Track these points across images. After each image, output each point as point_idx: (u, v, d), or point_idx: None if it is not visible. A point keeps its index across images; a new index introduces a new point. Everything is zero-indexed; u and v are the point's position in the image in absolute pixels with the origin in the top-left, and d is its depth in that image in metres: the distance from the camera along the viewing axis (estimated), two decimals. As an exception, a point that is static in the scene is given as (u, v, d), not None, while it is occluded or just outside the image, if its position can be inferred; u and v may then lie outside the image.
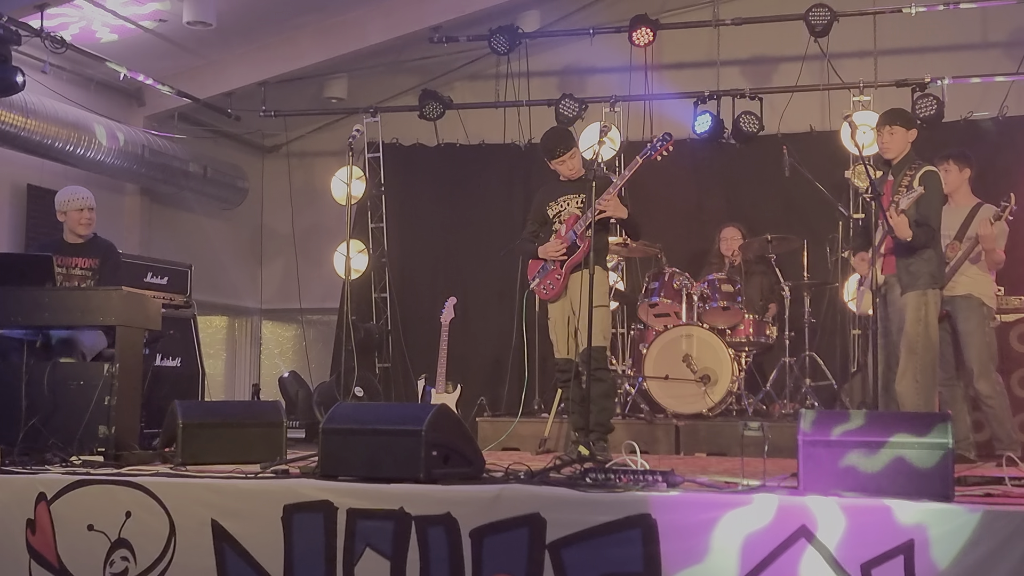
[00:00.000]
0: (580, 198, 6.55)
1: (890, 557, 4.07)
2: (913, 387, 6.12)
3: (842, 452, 4.38)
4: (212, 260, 10.74)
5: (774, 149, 8.79)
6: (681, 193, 9.77)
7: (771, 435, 5.29)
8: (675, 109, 9.81)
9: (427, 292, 10.32)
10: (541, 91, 10.23)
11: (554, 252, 6.55)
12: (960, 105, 9.02)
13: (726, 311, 8.37)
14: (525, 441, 7.86)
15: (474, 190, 10.55)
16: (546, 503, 4.51)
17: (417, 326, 10.16)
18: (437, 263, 10.59)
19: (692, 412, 7.99)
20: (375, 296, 10.44)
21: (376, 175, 10.56)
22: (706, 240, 9.35)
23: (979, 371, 6.81)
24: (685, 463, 6.60)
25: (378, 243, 10.50)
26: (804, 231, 8.86)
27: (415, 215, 10.69)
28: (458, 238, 10.53)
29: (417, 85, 10.55)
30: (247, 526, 4.77)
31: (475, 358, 10.05)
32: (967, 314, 6.87)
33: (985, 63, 9.26)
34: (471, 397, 8.69)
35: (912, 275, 6.23)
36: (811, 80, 9.52)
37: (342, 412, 5.28)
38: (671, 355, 8.11)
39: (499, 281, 9.71)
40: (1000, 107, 9.02)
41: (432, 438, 4.83)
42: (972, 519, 4.05)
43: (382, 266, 10.48)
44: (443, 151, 10.61)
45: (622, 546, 4.39)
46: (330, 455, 5.01)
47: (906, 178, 6.33)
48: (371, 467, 4.86)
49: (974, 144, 7.93)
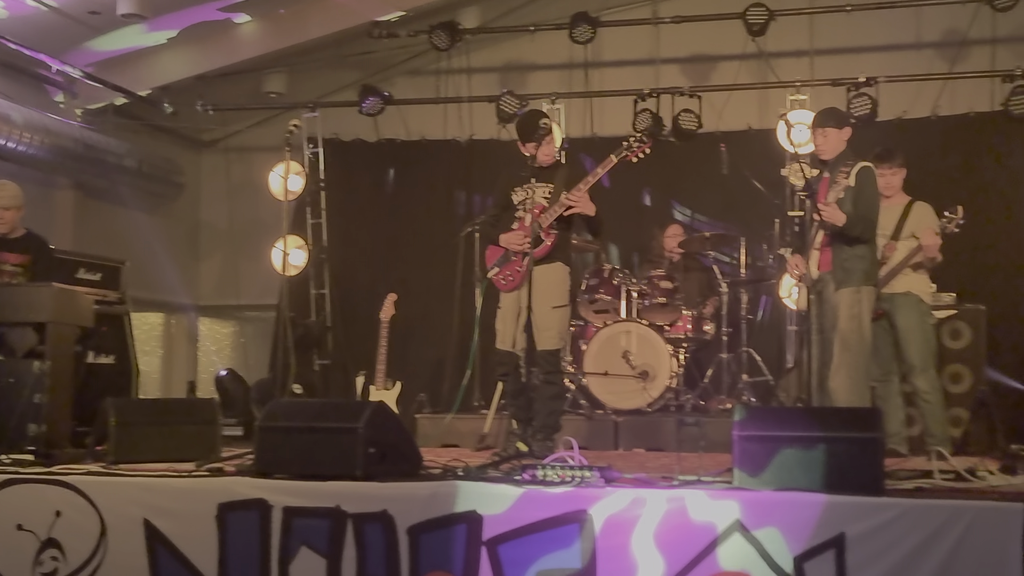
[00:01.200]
0: (548, 188, 6.37)
1: (822, 550, 4.13)
2: (847, 383, 6.19)
3: (776, 447, 4.43)
4: (148, 256, 10.58)
5: (713, 147, 8.91)
6: (621, 190, 9.80)
7: (708, 430, 5.35)
8: (616, 106, 9.86)
9: (367, 289, 10.25)
10: (482, 87, 10.23)
11: (517, 244, 6.32)
12: (894, 104, 9.16)
13: (665, 307, 8.43)
14: (465, 438, 7.86)
15: (415, 186, 10.52)
16: (484, 500, 4.52)
17: (357, 323, 10.11)
18: (377, 259, 10.54)
19: (631, 408, 8.04)
20: (314, 293, 10.37)
21: (316, 171, 10.49)
22: (645, 236, 9.40)
23: (919, 367, 6.91)
24: (623, 459, 6.63)
25: (317, 239, 10.43)
26: (741, 228, 8.94)
27: (355, 211, 10.64)
28: (398, 234, 10.49)
29: (357, 80, 10.50)
30: (180, 525, 4.73)
31: (415, 355, 10.02)
32: (907, 311, 6.97)
33: (919, 63, 9.41)
34: (411, 394, 8.66)
35: (846, 272, 6.30)
36: (749, 79, 9.62)
37: (279, 409, 5.24)
38: (610, 351, 8.14)
39: (439, 278, 9.68)
40: (933, 106, 9.17)
41: (369, 435, 4.82)
42: (902, 512, 4.12)
43: (321, 262, 10.41)
44: (383, 147, 10.57)
45: (559, 542, 4.40)
46: (266, 453, 4.98)
47: (841, 175, 6.40)
48: (308, 465, 4.84)
49: (907, 143, 8.04)
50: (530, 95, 9.82)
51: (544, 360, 6.38)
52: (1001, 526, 4.02)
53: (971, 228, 7.23)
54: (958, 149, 9.09)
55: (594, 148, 9.06)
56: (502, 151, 9.76)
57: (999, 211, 8.66)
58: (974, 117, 9.14)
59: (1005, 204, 8.68)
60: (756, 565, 4.19)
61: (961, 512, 4.07)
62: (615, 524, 4.36)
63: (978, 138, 9.03)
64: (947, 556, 4.04)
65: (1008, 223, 8.70)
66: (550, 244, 6.31)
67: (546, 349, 6.36)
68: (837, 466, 4.32)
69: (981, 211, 8.29)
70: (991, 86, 9.02)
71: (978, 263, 8.66)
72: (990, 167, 8.82)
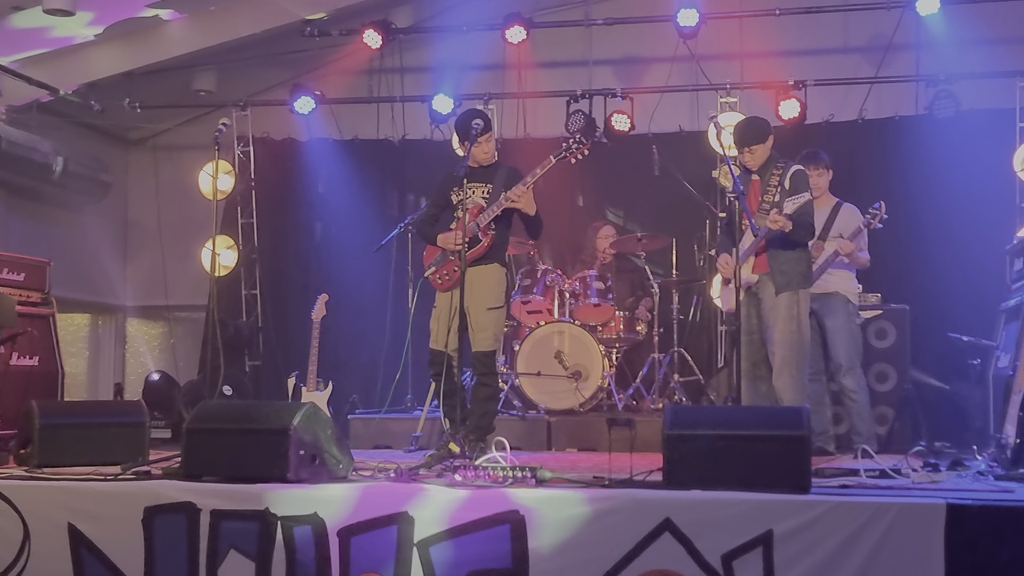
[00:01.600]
0: (486, 188, 6.39)
1: (749, 548, 4.19)
2: (790, 383, 6.28)
3: (705, 446, 4.48)
4: (74, 256, 10.41)
5: (645, 149, 8.97)
6: (553, 190, 9.82)
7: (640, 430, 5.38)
8: (548, 107, 9.88)
9: (298, 289, 10.19)
10: (415, 87, 10.19)
11: (453, 245, 6.31)
12: (822, 107, 9.29)
13: (597, 308, 8.47)
14: (397, 438, 7.84)
15: (347, 186, 10.44)
16: (415, 501, 4.52)
17: (288, 323, 10.04)
18: (308, 259, 10.47)
19: (563, 408, 8.07)
20: (245, 293, 10.28)
21: (246, 170, 10.39)
22: (578, 237, 9.44)
23: (846, 366, 7.04)
24: (555, 459, 6.66)
25: (248, 239, 10.33)
26: (673, 230, 9.01)
27: (286, 211, 10.55)
28: (330, 234, 10.43)
29: (289, 79, 10.41)
30: (106, 529, 4.67)
31: (347, 356, 9.97)
32: (834, 311, 7.10)
33: (846, 67, 9.55)
34: (343, 395, 8.62)
35: (785, 275, 6.37)
36: (681, 81, 9.69)
37: (208, 411, 5.21)
38: (543, 352, 8.17)
39: (372, 278, 9.63)
40: (860, 110, 9.31)
41: (300, 437, 4.80)
42: (828, 510, 4.19)
43: (252, 262, 10.32)
44: (315, 146, 10.48)
45: (491, 543, 4.41)
46: (194, 455, 4.93)
47: (774, 177, 6.48)
48: (237, 467, 4.81)
49: (834, 146, 8.17)
50: (463, 95, 9.81)
51: (479, 361, 6.39)
52: (924, 523, 4.11)
53: (895, 229, 7.38)
54: (884, 152, 9.24)
55: (527, 149, 9.08)
56: (435, 151, 9.79)
57: (923, 212, 8.82)
58: (899, 120, 9.30)
59: (929, 205, 8.84)
60: (685, 563, 4.23)
61: (885, 510, 4.15)
62: (547, 524, 4.38)
63: (903, 141, 9.18)
64: (872, 552, 4.12)
65: (931, 224, 8.86)
66: (487, 244, 6.33)
67: (481, 350, 6.37)
68: (765, 464, 4.38)
69: (906, 213, 8.46)
70: (916, 90, 9.20)
71: (902, 264, 8.82)
72: (915, 170, 8.98)
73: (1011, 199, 8.64)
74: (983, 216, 8.65)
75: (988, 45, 9.17)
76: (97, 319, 11.74)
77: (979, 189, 8.71)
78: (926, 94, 9.01)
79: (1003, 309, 7.06)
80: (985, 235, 8.45)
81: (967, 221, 8.76)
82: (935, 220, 8.85)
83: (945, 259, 8.85)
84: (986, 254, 8.23)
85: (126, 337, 11.86)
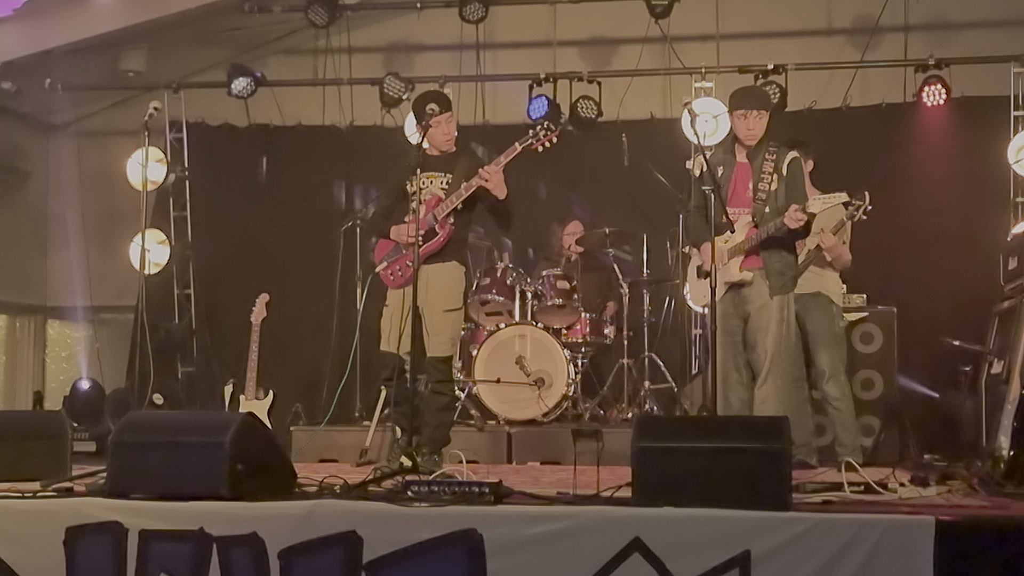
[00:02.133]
0: (446, 178, 6.37)
1: (725, 569, 4.20)
2: (774, 392, 6.29)
3: (677, 459, 4.49)
4: (-12, 252, 10.32)
5: (613, 137, 9.00)
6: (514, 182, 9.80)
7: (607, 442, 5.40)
8: (509, 92, 9.89)
9: (236, 288, 10.11)
10: (364, 69, 10.16)
11: (408, 237, 6.24)
12: (804, 93, 9.35)
13: (562, 309, 8.50)
14: (345, 451, 7.82)
15: (290, 176, 10.40)
16: (363, 520, 4.50)
17: (225, 326, 9.97)
18: (248, 256, 10.40)
19: (525, 418, 8.09)
20: (178, 292, 10.22)
21: (179, 158, 10.32)
22: (541, 233, 9.46)
23: (830, 373, 7.07)
24: (516, 473, 6.66)
25: (181, 233, 10.27)
26: (644, 225, 9.04)
27: (223, 203, 10.48)
28: (272, 229, 10.36)
29: (227, 59, 10.34)
30: (23, 552, 4.62)
31: (290, 361, 9.91)
32: (817, 313, 7.12)
33: (830, 51, 9.62)
34: (285, 404, 8.58)
35: (782, 277, 6.38)
36: (652, 64, 9.73)
37: (136, 422, 5.19)
38: (503, 357, 8.18)
39: (317, 276, 9.60)
40: (844, 96, 9.39)
41: (237, 450, 4.78)
42: (809, 527, 4.21)
43: (185, 259, 10.26)
44: (255, 132, 10.43)
45: (446, 564, 4.40)
46: (121, 470, 4.90)
47: (767, 163, 6.48)
48: (168, 483, 4.77)
49: (817, 134, 8.22)
50: (416, 78, 9.79)
51: (434, 368, 6.38)
52: (912, 541, 4.13)
53: (882, 225, 7.41)
54: (870, 141, 9.30)
55: (486, 136, 9.07)
56: (386, 138, 9.76)
57: (912, 206, 8.90)
58: (886, 108, 9.38)
59: (918, 199, 8.93)
60: (657, 586, 4.24)
61: (871, 526, 4.17)
62: (507, 544, 4.37)
63: (891, 130, 9.27)
64: (856, 572, 4.14)
65: (920, 220, 8.94)
66: (443, 239, 6.30)
67: (437, 356, 6.36)
68: (742, 479, 4.39)
69: (893, 207, 8.50)
70: (904, 75, 9.28)
71: (889, 263, 8.89)
72: (902, 161, 9.07)
73: (1005, 193, 8.73)
74: (975, 211, 8.76)
75: (981, 28, 9.30)
76: (14, 321, 11.63)
77: (971, 182, 8.83)
78: (915, 80, 9.09)
79: (996, 312, 7.13)
80: (977, 231, 8.56)
81: (958, 216, 8.87)
82: (924, 215, 8.93)
83: (935, 258, 8.95)
84: (979, 252, 8.33)
85: (46, 341, 11.75)
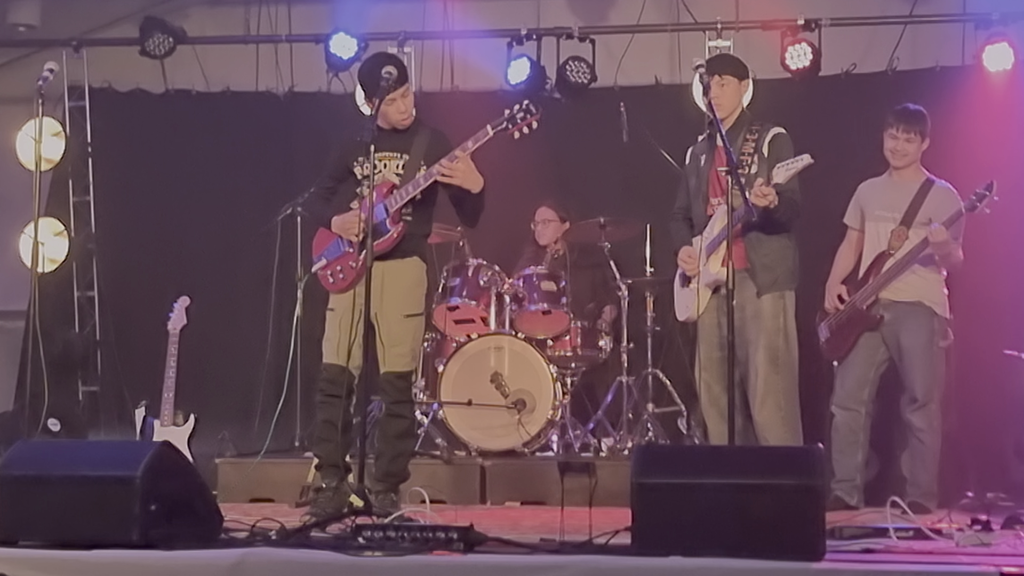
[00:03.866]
0: (402, 160, 6.39)
1: (745, 633, 4.21)
2: (777, 415, 6.30)
3: (688, 499, 4.49)
4: None
5: (610, 106, 8.99)
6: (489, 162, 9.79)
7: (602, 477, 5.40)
8: (483, 52, 9.88)
9: (151, 290, 10.08)
10: (306, 23, 10.14)
11: (352, 229, 6.26)
12: (841, 55, 9.37)
13: (547, 316, 8.49)
14: (282, 489, 7.82)
15: (216, 153, 10.37)
16: (304, 572, 4.51)
17: (136, 336, 9.95)
18: (165, 251, 10.37)
19: (502, 448, 8.09)
20: (79, 295, 10.19)
21: (81, 131, 10.28)
22: (521, 223, 9.45)
23: (922, 400, 7.08)
24: (491, 516, 6.68)
25: (83, 223, 10.23)
26: (647, 213, 9.03)
27: (135, 186, 10.44)
28: (194, 217, 10.33)
29: (138, 11, 10.31)
30: None
31: (216, 378, 9.89)
32: (914, 326, 7.11)
33: (872, 3, 9.65)
34: (210, 431, 8.56)
35: (770, 271, 6.40)
36: (657, 19, 9.73)
37: (26, 453, 5.18)
38: (476, 374, 8.18)
39: (249, 275, 9.58)
40: (890, 59, 9.41)
41: (150, 487, 4.79)
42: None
43: (88, 254, 10.22)
44: (174, 100, 10.40)
45: (405, 627, 4.41)
46: (8, 512, 4.90)
47: (748, 143, 6.54)
48: (66, 528, 4.77)
49: (856, 104, 8.24)
50: (370, 35, 9.78)
51: (391, 386, 6.38)
52: (971, 597, 4.16)
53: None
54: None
55: (456, 106, 9.07)
56: (332, 107, 9.76)
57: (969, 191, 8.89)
58: (940, 72, 9.40)
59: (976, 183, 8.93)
60: (661, 653, 4.25)
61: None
62: (479, 602, 4.38)
63: (946, 99, 9.27)
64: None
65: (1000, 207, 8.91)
66: (397, 236, 6.30)
67: (394, 371, 6.37)
68: (765, 523, 4.40)
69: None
70: (962, 33, 9.30)
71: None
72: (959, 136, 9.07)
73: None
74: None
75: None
76: None
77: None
78: (975, 38, 9.12)
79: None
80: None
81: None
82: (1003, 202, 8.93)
83: (998, 253, 8.96)
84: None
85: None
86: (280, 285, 9.04)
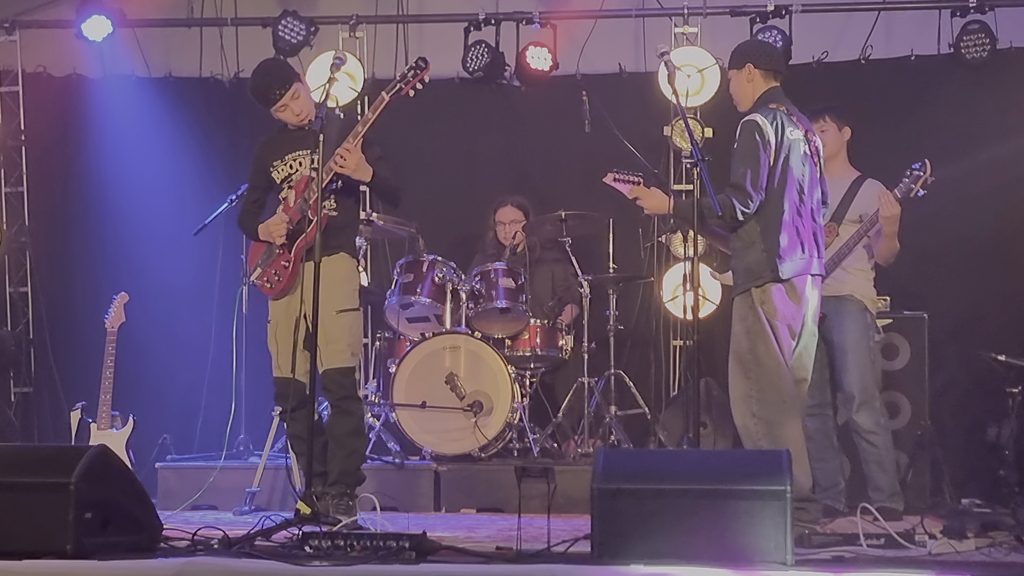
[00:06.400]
0: (315, 155, 6.43)
1: (710, 644, 4.23)
2: (751, 421, 6.19)
3: (650, 505, 4.51)
4: None
5: (572, 95, 8.99)
6: (444, 153, 9.83)
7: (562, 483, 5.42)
8: (439, 36, 9.87)
9: (87, 286, 10.06)
10: (252, 6, 10.11)
11: (277, 231, 6.43)
12: (812, 43, 9.41)
13: (505, 314, 8.50)
14: (226, 496, 7.82)
15: (157, 142, 10.32)
16: (248, 583, 4.50)
17: (72, 334, 9.90)
18: (102, 244, 10.31)
19: (457, 452, 8.09)
20: (11, 291, 10.11)
21: (14, 118, 10.21)
22: (478, 218, 9.45)
23: (860, 398, 7.09)
24: (446, 523, 6.69)
25: (16, 216, 10.16)
26: (610, 207, 9.04)
27: (70, 177, 10.39)
28: (133, 210, 10.28)
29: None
30: None
31: (157, 379, 9.84)
32: (845, 322, 7.13)
33: (845, -11, 9.70)
34: (149, 434, 8.53)
35: (735, 272, 6.29)
36: (621, 4, 9.74)
37: (-47, 459, 5.13)
38: (430, 375, 8.18)
39: (191, 272, 9.54)
40: (863, 47, 9.45)
41: (86, 494, 4.78)
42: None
43: (22, 248, 10.15)
44: (112, 85, 10.34)
45: (354, 639, 4.41)
46: (-66, 522, 4.86)
47: None
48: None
49: (829, 93, 8.28)
50: (320, 18, 9.76)
51: (333, 383, 6.44)
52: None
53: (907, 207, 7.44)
54: (894, 102, 9.37)
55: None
56: (281, 95, 9.71)
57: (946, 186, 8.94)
58: (916, 61, 9.46)
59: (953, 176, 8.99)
60: (623, 665, 4.27)
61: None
62: (432, 614, 4.39)
63: (921, 89, 9.34)
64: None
65: (957, 203, 8.98)
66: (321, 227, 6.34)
67: (336, 367, 6.42)
68: (731, 530, 4.42)
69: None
70: (938, 20, 9.34)
71: (918, 256, 8.90)
72: (935, 127, 9.13)
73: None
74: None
75: (1034, -39, 9.38)
76: None
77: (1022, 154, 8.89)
78: (952, 26, 9.17)
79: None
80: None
81: (1006, 198, 8.94)
82: (962, 197, 8.99)
83: (975, 250, 9.03)
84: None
85: None
86: (223, 282, 9.02)
